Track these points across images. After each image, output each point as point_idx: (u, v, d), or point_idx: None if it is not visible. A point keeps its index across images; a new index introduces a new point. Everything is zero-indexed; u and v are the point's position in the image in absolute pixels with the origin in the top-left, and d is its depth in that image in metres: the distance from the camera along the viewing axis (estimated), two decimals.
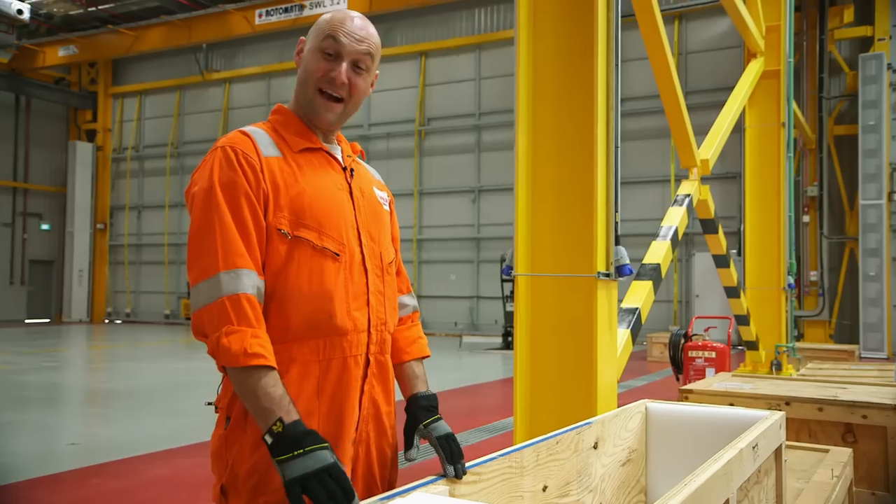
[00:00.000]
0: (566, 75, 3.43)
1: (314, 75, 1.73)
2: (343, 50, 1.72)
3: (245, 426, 1.61)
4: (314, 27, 1.79)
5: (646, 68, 5.21)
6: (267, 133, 1.71)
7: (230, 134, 1.69)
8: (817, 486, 2.93)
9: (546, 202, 3.48)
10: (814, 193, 15.89)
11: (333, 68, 1.72)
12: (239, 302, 1.50)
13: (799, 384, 4.91)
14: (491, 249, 19.26)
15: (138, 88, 25.62)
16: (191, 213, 1.61)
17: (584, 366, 3.34)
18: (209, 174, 1.60)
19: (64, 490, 4.74)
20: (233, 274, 1.52)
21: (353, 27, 1.73)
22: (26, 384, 9.84)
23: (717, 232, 6.26)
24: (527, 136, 3.51)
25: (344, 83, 1.72)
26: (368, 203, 1.80)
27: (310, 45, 1.77)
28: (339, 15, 1.76)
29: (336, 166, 1.77)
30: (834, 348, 11.97)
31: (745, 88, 7.10)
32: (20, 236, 24.53)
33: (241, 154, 1.61)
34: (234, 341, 1.47)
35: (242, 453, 1.61)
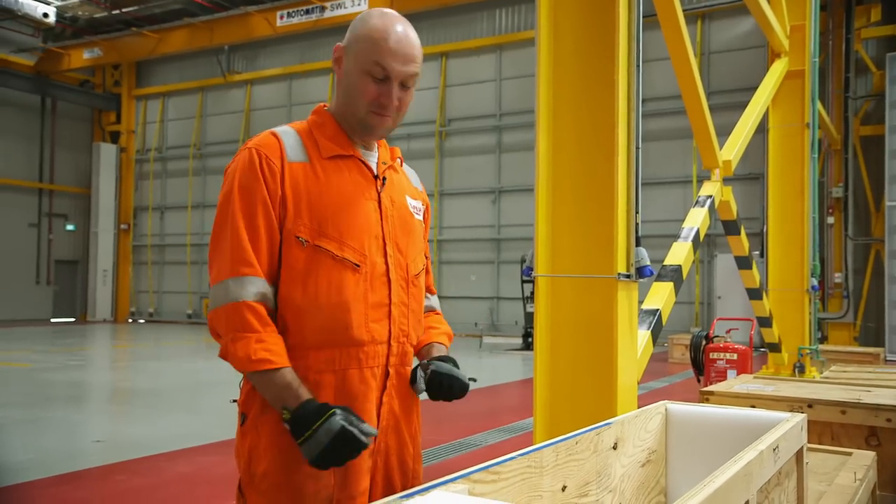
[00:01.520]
0: (587, 76, 3.43)
1: (363, 98, 1.69)
2: (391, 74, 1.67)
3: (259, 426, 1.63)
4: (356, 40, 1.71)
5: (668, 68, 5.19)
6: (299, 135, 1.70)
7: (261, 134, 1.69)
8: (840, 490, 2.90)
9: (566, 203, 3.48)
10: (839, 195, 15.70)
11: (383, 92, 1.68)
12: (241, 309, 1.55)
13: (822, 386, 4.86)
14: (511, 250, 19.24)
15: (161, 90, 25.89)
16: (217, 209, 1.66)
17: (604, 367, 3.33)
18: (232, 177, 1.63)
19: (90, 487, 4.81)
20: (238, 281, 1.56)
21: (400, 49, 1.68)
22: (52, 382, 9.98)
23: (740, 233, 6.22)
24: (547, 137, 3.52)
25: (395, 106, 1.70)
26: (398, 213, 1.77)
27: (355, 65, 1.70)
28: (382, 32, 1.68)
29: (367, 174, 1.73)
30: (858, 351, 11.82)
31: (769, 88, 7.04)
32: (46, 237, 24.88)
33: (265, 159, 1.62)
34: (239, 348, 1.53)
35: (258, 453, 1.62)
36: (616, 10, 3.32)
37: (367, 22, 1.71)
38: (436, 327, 1.95)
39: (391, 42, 1.67)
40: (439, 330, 1.95)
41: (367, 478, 1.69)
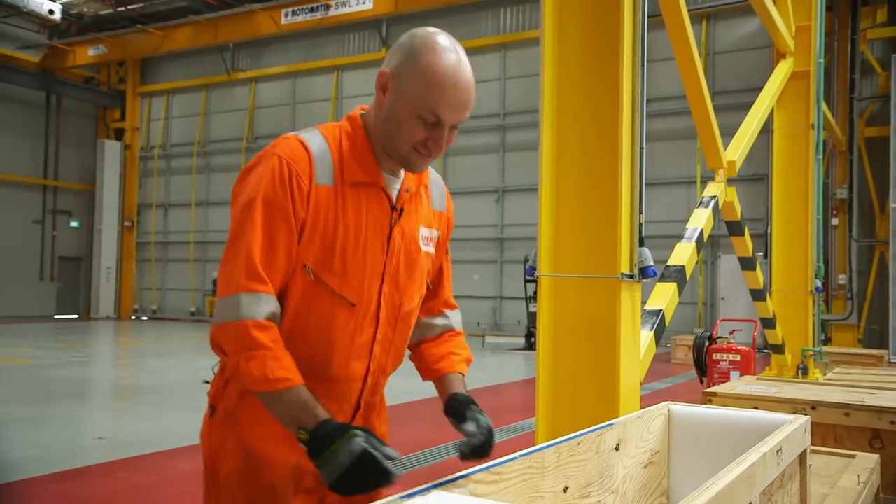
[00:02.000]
0: (591, 75, 3.42)
1: (411, 138, 1.57)
2: (445, 121, 1.56)
3: (229, 427, 1.62)
4: (409, 75, 1.55)
5: (672, 69, 5.18)
6: (329, 151, 1.59)
7: (291, 142, 1.57)
8: (843, 492, 2.89)
9: (570, 203, 3.47)
10: (843, 196, 15.67)
11: (433, 136, 1.57)
12: (255, 327, 1.47)
13: (825, 388, 4.85)
14: (514, 250, 19.23)
15: (166, 87, 25.92)
16: (231, 215, 1.57)
17: (607, 367, 3.32)
18: (257, 183, 1.53)
19: (92, 484, 4.81)
20: (253, 297, 1.48)
21: (459, 97, 1.55)
22: (55, 379, 10.00)
23: (744, 234, 6.20)
24: (551, 137, 3.51)
25: (443, 149, 1.61)
26: (406, 248, 1.68)
27: (404, 104, 1.56)
28: (441, 75, 1.53)
29: (385, 206, 1.64)
30: (862, 353, 11.78)
31: (774, 89, 7.02)
32: (50, 233, 24.92)
33: (296, 176, 1.52)
34: (254, 367, 1.45)
35: (224, 454, 1.62)
36: (621, 10, 3.31)
37: (423, 56, 1.55)
38: (456, 353, 1.83)
39: (450, 90, 1.54)
40: (460, 357, 1.83)
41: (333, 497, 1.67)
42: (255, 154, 1.66)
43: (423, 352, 1.82)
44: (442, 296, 1.86)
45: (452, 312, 1.88)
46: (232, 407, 1.63)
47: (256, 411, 1.60)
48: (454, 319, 1.88)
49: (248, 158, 25.09)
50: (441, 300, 1.86)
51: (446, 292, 1.87)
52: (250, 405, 1.61)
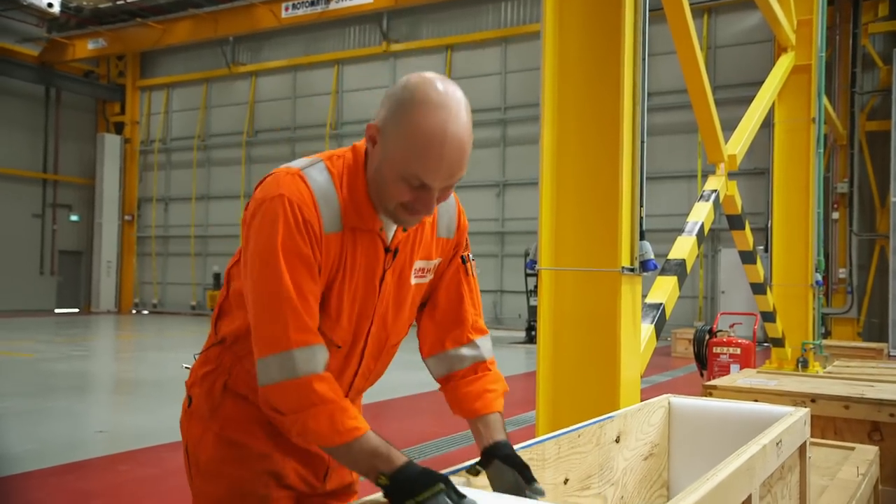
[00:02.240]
0: (592, 69, 3.42)
1: (396, 199, 1.46)
2: (434, 186, 1.44)
3: (207, 419, 1.62)
4: (396, 135, 1.42)
5: (674, 62, 5.18)
6: (336, 193, 1.49)
7: (298, 184, 1.45)
8: (842, 484, 2.90)
9: (571, 196, 3.47)
10: (844, 190, 15.67)
11: (420, 198, 1.45)
12: (317, 381, 1.40)
13: (825, 381, 4.86)
14: (515, 244, 19.24)
15: (166, 81, 25.88)
16: (247, 261, 1.46)
17: (607, 360, 3.33)
18: (271, 231, 1.42)
19: (93, 477, 4.82)
20: (308, 351, 1.40)
21: (448, 164, 1.41)
22: (55, 372, 10.01)
23: (744, 228, 6.20)
24: (552, 131, 3.51)
25: (432, 210, 1.48)
26: (397, 287, 1.62)
27: (390, 165, 1.44)
28: (429, 139, 1.39)
29: (380, 249, 1.55)
30: (862, 346, 11.80)
31: (775, 83, 7.02)
32: (50, 227, 24.92)
33: (308, 226, 1.44)
34: (323, 423, 1.38)
35: (204, 444, 1.62)
36: (622, 4, 3.31)
37: (408, 115, 1.41)
38: (491, 390, 1.69)
39: (435, 157, 1.40)
40: (496, 392, 1.69)
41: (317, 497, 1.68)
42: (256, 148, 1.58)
43: (455, 389, 1.70)
44: (466, 321, 1.71)
45: (482, 340, 1.73)
46: (212, 404, 1.62)
47: (237, 409, 1.60)
48: (484, 348, 1.73)
49: (250, 152, 24.86)
50: (467, 327, 1.71)
51: (470, 316, 1.72)
52: (230, 402, 1.61)
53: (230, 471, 1.59)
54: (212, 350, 1.67)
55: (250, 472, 1.59)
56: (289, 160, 1.71)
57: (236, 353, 1.61)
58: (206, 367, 1.66)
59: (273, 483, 1.60)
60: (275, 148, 23.36)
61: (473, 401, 1.65)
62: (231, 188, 24.12)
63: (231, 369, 1.62)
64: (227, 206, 24.14)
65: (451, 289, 1.72)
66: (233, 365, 1.62)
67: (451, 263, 1.72)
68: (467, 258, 1.74)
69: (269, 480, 1.60)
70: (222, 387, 1.62)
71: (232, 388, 1.61)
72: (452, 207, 1.70)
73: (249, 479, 1.59)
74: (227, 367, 1.63)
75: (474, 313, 1.73)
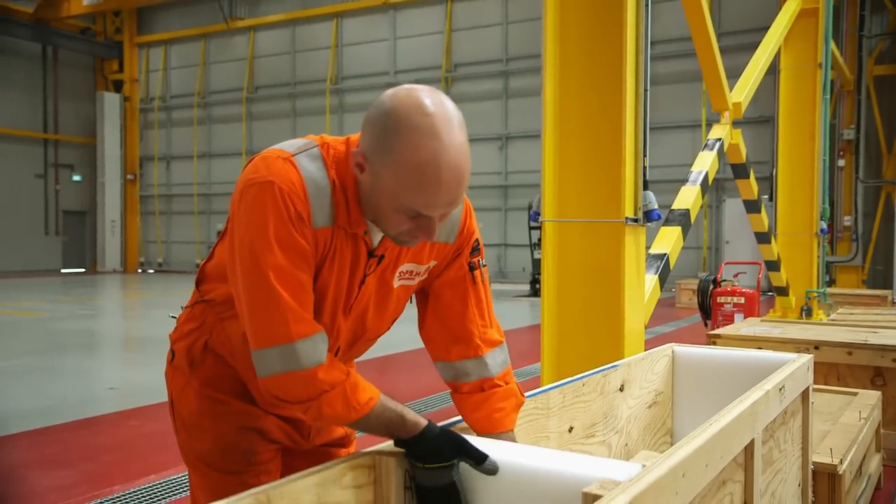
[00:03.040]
0: (595, 18, 3.36)
1: (395, 228, 1.39)
2: (434, 215, 1.36)
3: (189, 373, 1.61)
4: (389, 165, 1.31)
5: (678, 9, 5.09)
6: (330, 188, 1.40)
7: (291, 174, 1.37)
8: (844, 428, 2.94)
9: (573, 148, 3.45)
10: (850, 136, 15.52)
11: (421, 226, 1.37)
12: (323, 371, 1.36)
13: (829, 329, 4.88)
14: (518, 197, 19.18)
15: (163, 38, 25.56)
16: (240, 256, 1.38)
17: (612, 311, 3.35)
18: (262, 222, 1.34)
19: (105, 432, 4.91)
20: (309, 342, 1.36)
21: (442, 196, 1.31)
22: (65, 331, 10.11)
23: (749, 177, 6.17)
24: (554, 82, 3.47)
25: (434, 235, 1.40)
26: (378, 288, 1.55)
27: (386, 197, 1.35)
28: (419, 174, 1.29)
29: (363, 251, 1.48)
30: (866, 293, 11.84)
31: (781, 28, 6.91)
32: (53, 187, 24.90)
33: (298, 215, 1.36)
34: (337, 406, 1.36)
35: (186, 397, 1.62)
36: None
37: (398, 144, 1.29)
38: (499, 408, 1.60)
39: (431, 190, 1.30)
40: (504, 411, 1.61)
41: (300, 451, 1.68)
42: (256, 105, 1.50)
43: (461, 402, 1.64)
44: (472, 334, 1.61)
45: (491, 354, 1.62)
46: (193, 361, 1.61)
47: (217, 369, 1.59)
48: (493, 362, 1.62)
49: (250, 109, 24.59)
50: (473, 340, 1.61)
51: (476, 328, 1.62)
52: (211, 361, 1.60)
53: (212, 425, 1.59)
54: (196, 307, 1.65)
55: (232, 426, 1.58)
56: (290, 116, 1.65)
57: (220, 314, 1.59)
58: (191, 324, 1.64)
59: (256, 437, 1.60)
60: (275, 104, 23.17)
61: (482, 422, 1.59)
62: (233, 145, 24.00)
63: (213, 329, 1.60)
64: (230, 164, 24.05)
65: (456, 298, 1.62)
66: (214, 325, 1.59)
67: (454, 268, 1.61)
68: (476, 265, 1.63)
69: (253, 435, 1.60)
70: (203, 346, 1.60)
71: (212, 349, 1.60)
72: (458, 213, 1.58)
73: (232, 433, 1.58)
74: (209, 326, 1.60)
75: (482, 325, 1.63)
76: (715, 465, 1.43)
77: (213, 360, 1.60)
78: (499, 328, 1.67)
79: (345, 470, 1.33)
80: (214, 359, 1.60)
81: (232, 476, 1.55)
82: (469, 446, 1.39)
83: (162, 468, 3.98)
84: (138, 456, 4.37)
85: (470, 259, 1.62)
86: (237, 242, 1.38)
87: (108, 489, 3.68)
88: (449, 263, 1.61)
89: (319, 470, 1.29)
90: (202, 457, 1.61)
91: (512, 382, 1.64)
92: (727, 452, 1.51)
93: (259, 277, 1.35)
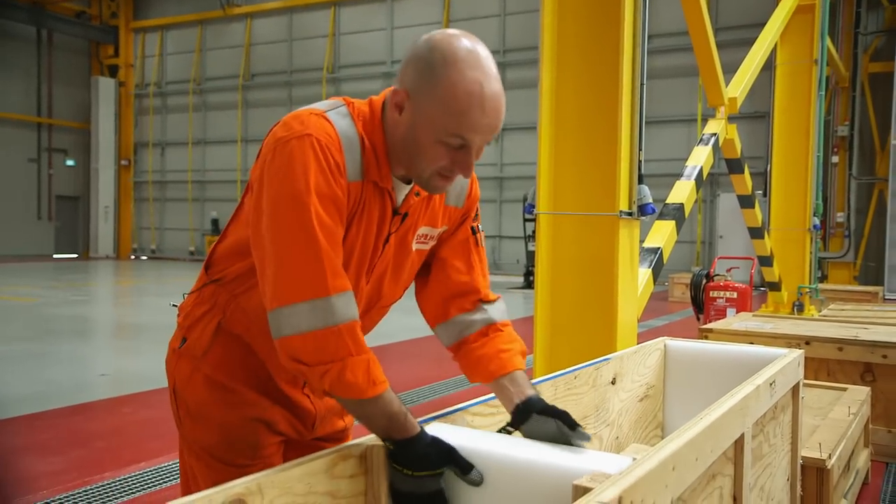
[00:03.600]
0: (592, 11, 3.36)
1: (433, 164, 1.42)
2: (473, 145, 1.41)
3: (198, 359, 1.58)
4: (431, 98, 1.38)
5: (675, 4, 5.09)
6: (360, 142, 1.45)
7: (326, 127, 1.40)
8: (833, 423, 2.96)
9: (569, 140, 3.45)
10: (844, 133, 15.55)
11: (459, 161, 1.42)
12: (355, 329, 1.35)
13: (820, 324, 4.91)
14: (513, 189, 19.19)
15: (159, 23, 25.40)
16: (273, 209, 1.37)
17: (605, 304, 3.36)
18: (302, 173, 1.35)
19: (98, 418, 4.91)
20: (344, 297, 1.35)
21: (486, 121, 1.38)
22: (57, 317, 10.09)
23: (743, 172, 6.19)
24: (551, 74, 3.47)
25: (470, 173, 1.46)
26: (398, 250, 1.58)
27: (426, 129, 1.40)
28: (469, 98, 1.36)
29: (388, 210, 1.51)
30: (858, 290, 11.90)
31: (778, 24, 6.91)
32: (46, 172, 24.77)
33: (337, 166, 1.39)
34: (359, 373, 1.33)
35: (193, 383, 1.59)
36: None
37: (443, 77, 1.37)
38: (506, 349, 1.63)
39: (476, 114, 1.37)
40: (512, 351, 1.64)
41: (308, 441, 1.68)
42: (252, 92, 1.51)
43: (468, 355, 1.65)
44: (474, 289, 1.67)
45: (491, 305, 1.68)
46: (205, 345, 1.58)
47: (228, 353, 1.57)
48: (494, 311, 1.67)
49: (246, 96, 24.49)
50: (473, 295, 1.66)
51: (479, 285, 1.67)
52: (223, 345, 1.58)
53: (219, 415, 1.57)
54: (206, 289, 1.62)
55: (240, 417, 1.57)
56: (286, 104, 1.66)
57: (232, 290, 1.57)
58: (202, 307, 1.61)
59: (263, 429, 1.59)
60: (271, 92, 23.07)
61: (488, 363, 1.60)
62: (228, 133, 23.91)
63: (226, 308, 1.58)
64: (224, 151, 23.97)
65: (461, 259, 1.67)
66: (228, 303, 1.58)
67: (460, 232, 1.67)
68: (477, 229, 1.70)
69: (259, 426, 1.58)
70: (216, 327, 1.58)
71: (226, 328, 1.58)
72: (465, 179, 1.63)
73: (239, 425, 1.57)
74: (221, 305, 1.58)
75: (484, 283, 1.69)
76: (705, 459, 1.44)
77: (227, 342, 1.58)
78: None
79: (336, 460, 1.33)
80: (228, 341, 1.58)
81: (236, 469, 1.53)
82: (457, 456, 1.38)
83: (154, 455, 3.98)
84: (130, 443, 4.38)
85: (473, 223, 1.70)
86: (270, 198, 1.37)
87: (100, 476, 3.69)
88: (457, 227, 1.67)
89: (310, 459, 1.29)
90: (207, 448, 1.59)
91: (513, 331, 1.69)
92: (717, 446, 1.52)
93: (299, 229, 1.34)
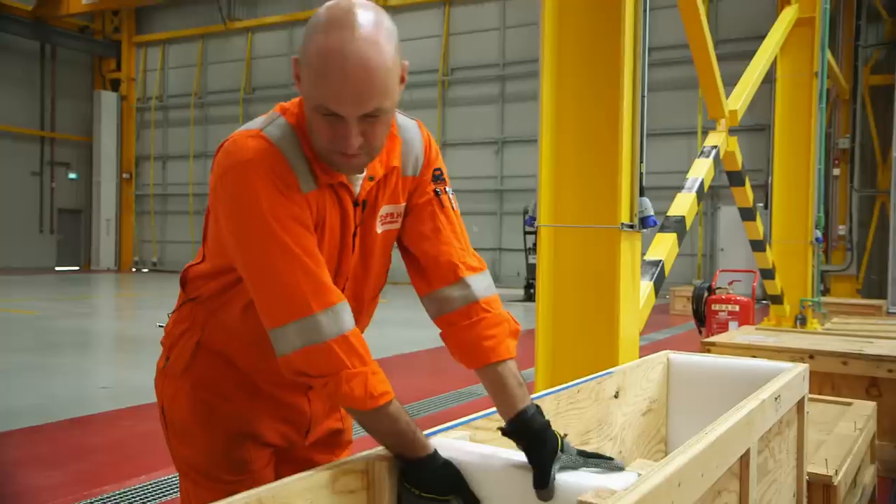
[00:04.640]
0: (593, 24, 3.36)
1: (321, 137, 1.34)
2: (344, 115, 1.29)
3: (179, 378, 1.58)
4: (305, 62, 1.30)
5: (675, 17, 5.10)
6: (303, 153, 1.39)
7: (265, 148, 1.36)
8: (839, 439, 2.93)
9: (570, 153, 3.45)
10: (845, 146, 15.56)
11: (338, 133, 1.32)
12: (348, 342, 1.33)
13: (823, 338, 4.88)
14: (514, 201, 19.18)
15: (161, 37, 25.53)
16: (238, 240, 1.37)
17: (607, 317, 3.34)
18: (251, 201, 1.33)
19: (97, 431, 4.88)
20: (331, 313, 1.32)
21: (347, 88, 1.26)
22: (58, 330, 10.07)
23: (744, 184, 6.18)
24: (551, 87, 3.46)
25: (356, 146, 1.33)
26: (368, 241, 1.53)
27: (304, 95, 1.34)
28: (322, 61, 1.26)
29: (348, 202, 1.45)
30: (861, 303, 11.86)
31: (778, 36, 6.93)
32: (48, 185, 24.82)
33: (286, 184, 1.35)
34: (356, 386, 1.31)
35: (178, 401, 1.59)
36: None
37: (312, 39, 1.29)
38: (489, 336, 1.50)
39: (335, 79, 1.26)
40: (495, 338, 1.50)
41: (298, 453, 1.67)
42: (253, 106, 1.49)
43: (450, 337, 1.55)
44: (450, 257, 1.53)
45: (474, 277, 1.54)
46: (185, 363, 1.58)
47: (210, 368, 1.56)
48: (477, 286, 1.53)
49: (247, 110, 24.57)
50: (452, 264, 1.53)
51: (455, 251, 1.54)
52: (203, 362, 1.57)
53: (204, 431, 1.56)
54: (184, 308, 1.61)
55: (224, 433, 1.56)
56: None
57: (209, 308, 1.56)
58: (181, 326, 1.60)
59: (250, 444, 1.57)
60: (272, 105, 22.86)
61: (469, 351, 1.51)
62: None
63: (204, 325, 1.57)
64: None
65: (424, 223, 1.55)
66: (206, 320, 1.56)
67: (416, 195, 1.56)
68: (442, 191, 1.58)
69: (245, 441, 1.57)
70: (195, 345, 1.57)
71: (206, 346, 1.57)
72: (418, 143, 1.57)
73: (224, 441, 1.56)
74: (200, 323, 1.57)
75: (459, 248, 1.55)
76: (711, 475, 1.42)
77: (207, 359, 1.57)
78: (479, 258, 1.59)
79: (337, 474, 1.32)
80: (208, 358, 1.57)
81: (225, 485, 1.52)
82: (465, 487, 1.37)
83: (154, 469, 3.96)
84: (130, 456, 4.35)
85: (435, 186, 1.58)
86: (231, 231, 1.37)
87: (100, 489, 3.66)
88: (417, 194, 1.57)
89: (312, 474, 1.28)
90: (194, 465, 1.58)
91: (500, 310, 1.55)
92: (723, 462, 1.50)
93: (268, 256, 1.33)
